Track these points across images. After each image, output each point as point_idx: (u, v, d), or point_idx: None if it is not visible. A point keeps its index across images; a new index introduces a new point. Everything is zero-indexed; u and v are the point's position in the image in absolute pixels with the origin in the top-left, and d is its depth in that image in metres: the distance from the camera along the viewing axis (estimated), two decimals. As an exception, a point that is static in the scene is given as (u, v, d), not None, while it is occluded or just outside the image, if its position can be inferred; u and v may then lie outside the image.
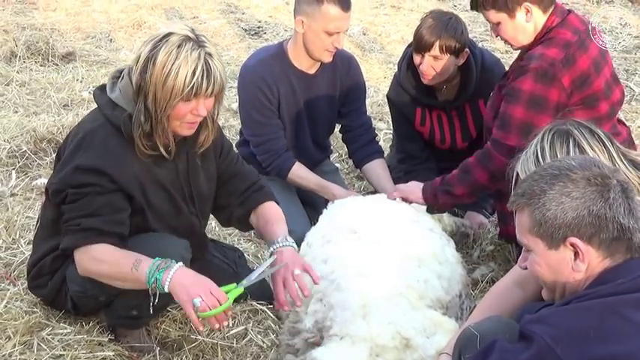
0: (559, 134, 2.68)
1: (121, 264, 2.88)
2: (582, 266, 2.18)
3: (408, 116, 4.45)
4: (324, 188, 4.18)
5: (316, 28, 4.01)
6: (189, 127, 2.99)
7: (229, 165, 3.31)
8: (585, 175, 2.18)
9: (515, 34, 3.59)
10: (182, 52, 2.85)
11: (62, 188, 2.95)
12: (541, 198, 2.20)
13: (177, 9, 8.27)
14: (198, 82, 2.86)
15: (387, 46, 7.51)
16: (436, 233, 3.59)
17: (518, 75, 3.53)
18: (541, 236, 2.21)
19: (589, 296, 2.11)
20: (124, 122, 2.94)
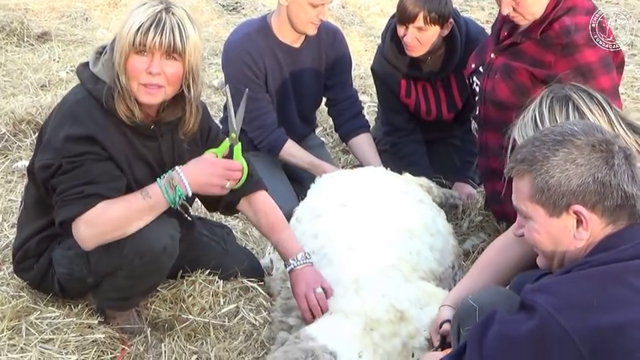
0: (558, 99, 2.63)
1: (132, 203, 2.86)
2: (585, 234, 2.14)
3: (393, 88, 4.40)
4: (316, 167, 4.13)
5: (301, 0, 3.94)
6: (145, 91, 2.86)
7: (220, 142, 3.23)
8: (589, 141, 2.13)
9: (537, 6, 3.45)
10: (147, 8, 2.81)
11: (52, 162, 2.85)
12: (544, 164, 2.14)
13: (152, -15, 8.12)
14: (144, 29, 2.77)
15: (367, 19, 7.44)
16: (426, 204, 3.56)
17: (570, 53, 3.40)
18: (542, 204, 2.16)
19: (591, 263, 2.07)
20: (105, 94, 2.87)
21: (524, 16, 3.48)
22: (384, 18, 7.52)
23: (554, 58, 3.43)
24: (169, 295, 3.36)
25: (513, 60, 3.54)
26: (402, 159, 4.39)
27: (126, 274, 2.94)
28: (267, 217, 3.29)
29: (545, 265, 2.31)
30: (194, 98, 2.96)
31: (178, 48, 2.81)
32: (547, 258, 2.27)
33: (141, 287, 3.09)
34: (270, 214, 3.30)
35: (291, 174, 4.38)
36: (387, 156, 4.43)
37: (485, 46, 3.81)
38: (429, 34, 4.10)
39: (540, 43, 3.47)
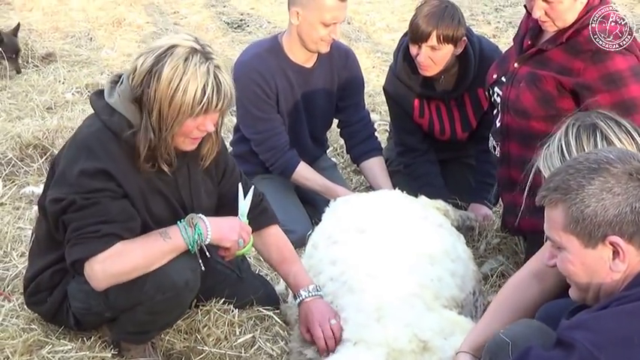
0: (585, 127, 2.56)
1: (150, 244, 2.80)
2: (622, 266, 2.07)
3: (406, 108, 4.33)
4: (330, 190, 4.06)
5: (312, 19, 3.88)
6: (192, 142, 2.87)
7: (233, 186, 3.17)
8: (626, 169, 2.06)
9: (569, 14, 3.36)
10: (190, 66, 2.71)
11: (65, 197, 2.77)
12: (579, 193, 2.08)
13: (156, 4, 8.10)
14: (209, 99, 2.73)
15: (373, 35, 7.40)
16: (446, 229, 3.49)
17: (596, 62, 3.32)
18: (577, 234, 2.09)
19: (629, 298, 2.00)
20: (122, 129, 2.80)
21: (555, 22, 3.38)
22: (390, 33, 7.51)
23: (583, 65, 3.34)
24: (184, 326, 3.27)
25: (539, 68, 3.45)
26: (416, 180, 4.32)
27: (146, 310, 2.86)
28: (279, 249, 3.25)
29: (579, 297, 2.24)
30: (219, 129, 2.96)
31: (232, 104, 2.85)
32: (581, 290, 2.20)
33: (161, 322, 3.02)
34: (281, 247, 3.26)
35: (303, 196, 4.31)
36: (401, 177, 4.37)
37: (508, 56, 3.72)
38: (443, 53, 4.04)
39: (568, 49, 3.38)
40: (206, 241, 2.88)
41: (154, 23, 7.55)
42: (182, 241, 2.85)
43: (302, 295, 3.10)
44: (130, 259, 2.78)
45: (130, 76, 2.80)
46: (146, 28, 7.39)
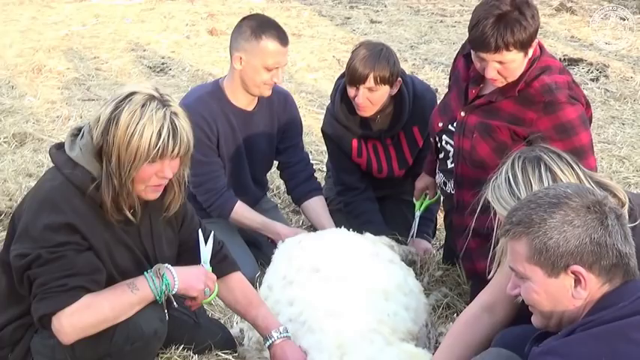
0: (530, 160, 2.72)
1: (118, 296, 2.82)
2: (583, 293, 2.22)
3: (345, 148, 4.45)
4: (269, 227, 4.13)
5: (255, 64, 3.97)
6: (154, 190, 2.90)
7: (192, 233, 3.22)
8: (584, 203, 2.22)
9: (519, 71, 3.52)
10: (147, 112, 2.77)
11: (30, 252, 2.77)
12: (542, 226, 2.21)
13: (75, 50, 8.05)
14: (165, 143, 2.77)
15: (295, 75, 7.53)
16: (396, 264, 3.61)
17: (554, 110, 3.48)
18: (541, 264, 2.23)
19: (594, 322, 2.15)
20: (85, 183, 2.82)
21: (507, 79, 3.54)
22: (311, 73, 7.67)
23: (536, 115, 3.51)
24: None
25: (490, 118, 3.60)
26: (356, 218, 4.43)
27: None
28: (245, 294, 3.30)
29: (541, 324, 2.37)
30: (183, 180, 2.99)
31: (190, 150, 2.87)
32: (544, 317, 2.34)
33: (128, 373, 3.02)
34: (246, 291, 3.31)
35: (246, 238, 4.36)
36: (341, 215, 4.47)
37: (450, 104, 3.85)
38: (380, 94, 4.18)
39: (520, 101, 3.54)
40: (173, 291, 2.92)
41: (75, 69, 7.50)
42: (150, 292, 2.88)
43: (273, 336, 3.14)
44: (98, 312, 2.79)
45: (92, 126, 2.84)
46: (67, 75, 7.34)
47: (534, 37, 3.47)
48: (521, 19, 3.39)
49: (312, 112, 6.54)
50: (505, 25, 3.38)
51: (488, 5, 3.45)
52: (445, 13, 9.90)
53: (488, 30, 3.39)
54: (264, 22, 4.08)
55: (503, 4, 3.41)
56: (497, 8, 3.40)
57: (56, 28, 8.82)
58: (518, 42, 3.40)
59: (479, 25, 3.42)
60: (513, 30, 3.38)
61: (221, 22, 9.13)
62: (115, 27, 8.87)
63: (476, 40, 3.46)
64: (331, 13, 9.79)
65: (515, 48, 3.41)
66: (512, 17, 3.39)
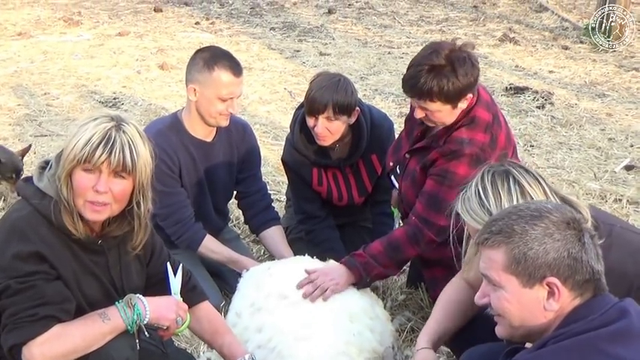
0: (499, 173, 2.82)
1: (89, 325, 2.81)
2: (555, 305, 2.28)
3: (305, 178, 4.50)
4: (236, 262, 4.16)
5: (209, 95, 4.01)
6: (92, 208, 2.82)
7: (162, 265, 3.21)
8: (564, 218, 2.30)
9: (448, 119, 3.63)
10: (94, 123, 2.80)
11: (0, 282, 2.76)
12: (522, 237, 2.27)
13: (25, 86, 7.99)
14: (92, 147, 2.75)
15: (248, 107, 7.58)
16: (364, 291, 3.66)
17: (452, 158, 3.61)
18: (517, 274, 2.28)
19: (565, 335, 2.21)
20: (53, 211, 2.82)
21: (436, 124, 3.67)
22: (264, 105, 7.73)
23: (437, 155, 3.66)
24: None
25: (420, 165, 3.74)
26: (318, 245, 4.46)
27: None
28: (210, 322, 3.29)
29: (507, 334, 2.41)
30: (143, 214, 2.95)
31: (128, 167, 2.80)
32: (512, 327, 2.37)
33: (98, 402, 3.00)
34: (212, 319, 3.31)
35: (210, 268, 4.37)
36: (302, 244, 4.51)
37: (401, 143, 3.99)
38: (338, 123, 4.25)
39: (441, 150, 3.68)
40: (145, 320, 2.93)
41: (26, 105, 7.44)
42: (121, 322, 2.88)
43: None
44: (69, 342, 2.78)
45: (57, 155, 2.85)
46: (18, 111, 7.28)
47: (465, 92, 3.57)
48: (450, 74, 3.51)
49: (267, 143, 6.59)
50: (433, 77, 3.50)
51: (427, 52, 3.58)
52: (392, 45, 10.07)
53: (417, 77, 3.52)
54: (217, 53, 4.13)
55: (440, 56, 3.52)
56: (431, 59, 3.52)
57: (4, 65, 8.74)
58: (443, 95, 3.52)
59: (411, 69, 3.57)
60: (440, 83, 3.49)
61: (171, 56, 9.15)
62: (64, 63, 8.82)
63: (405, 83, 3.60)
64: (280, 46, 9.89)
65: (439, 100, 3.53)
66: (442, 71, 3.51)
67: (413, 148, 3.84)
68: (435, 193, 3.65)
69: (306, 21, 11.15)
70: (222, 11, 11.61)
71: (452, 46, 3.58)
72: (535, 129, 7.08)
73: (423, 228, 3.68)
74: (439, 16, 11.56)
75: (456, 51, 3.55)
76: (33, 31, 10.12)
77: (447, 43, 3.66)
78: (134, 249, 3.02)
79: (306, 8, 11.91)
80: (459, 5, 12.19)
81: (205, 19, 11.12)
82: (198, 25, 10.80)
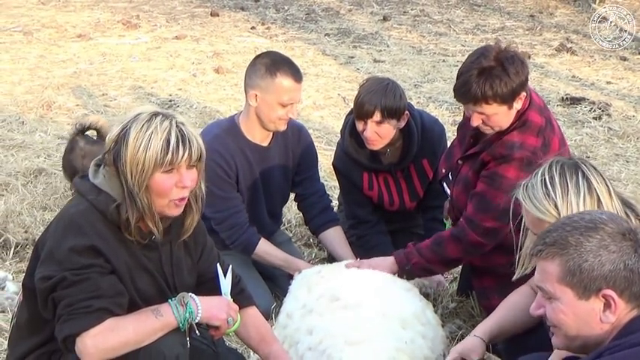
0: (568, 166, 2.80)
1: (142, 321, 2.85)
2: (612, 318, 2.25)
3: (356, 182, 4.52)
4: (290, 264, 4.18)
5: (270, 100, 4.05)
6: (176, 204, 2.92)
7: (211, 265, 3.25)
8: (620, 229, 2.27)
9: (505, 122, 3.62)
10: (152, 125, 2.84)
11: (54, 274, 2.80)
12: (577, 249, 2.25)
13: (83, 87, 8.13)
14: (174, 149, 2.82)
15: (302, 112, 7.60)
16: (414, 294, 3.65)
17: (502, 162, 3.60)
18: (572, 286, 2.26)
19: (621, 346, 2.18)
20: (110, 211, 2.87)
21: (493, 128, 3.64)
22: (317, 111, 7.77)
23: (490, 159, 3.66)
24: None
25: (473, 169, 3.73)
26: (369, 251, 4.43)
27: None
28: (258, 330, 3.31)
29: (563, 344, 2.39)
30: (199, 195, 3.03)
31: (203, 155, 2.91)
32: (568, 339, 2.35)
33: (149, 399, 3.04)
34: (259, 327, 3.33)
35: (261, 271, 4.40)
36: (354, 249, 4.50)
37: (453, 149, 3.98)
38: (387, 128, 4.25)
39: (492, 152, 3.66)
40: (196, 319, 2.96)
41: (84, 106, 7.58)
42: (173, 319, 2.92)
43: None
44: (122, 335, 2.82)
45: (106, 151, 2.91)
46: (76, 111, 7.41)
47: (518, 91, 3.55)
48: (502, 74, 3.49)
49: (320, 148, 6.58)
50: (485, 80, 3.49)
51: (474, 57, 3.57)
52: (447, 53, 10.03)
53: (469, 82, 3.51)
54: (277, 59, 4.17)
55: (488, 59, 3.52)
56: (480, 62, 3.51)
57: (64, 66, 8.92)
58: (498, 96, 3.50)
59: (462, 77, 3.55)
60: (492, 85, 3.48)
61: (226, 60, 9.24)
62: (122, 65, 8.97)
63: (458, 91, 3.59)
64: (335, 52, 9.91)
65: (494, 102, 3.51)
66: (493, 72, 3.50)
67: (466, 155, 3.82)
68: (483, 195, 3.64)
69: (361, 27, 11.16)
70: (277, 16, 11.68)
71: (497, 47, 3.58)
72: (591, 140, 6.99)
73: (467, 228, 3.68)
74: (495, 25, 11.49)
75: (503, 51, 3.55)
76: (92, 34, 10.30)
77: (491, 45, 3.65)
78: (186, 233, 3.06)
79: (361, 15, 11.91)
80: (516, 14, 12.10)
81: (261, 24, 11.20)
82: (253, 29, 10.88)
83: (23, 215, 4.95)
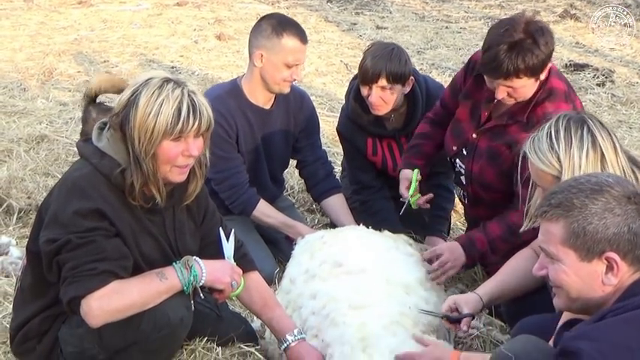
0: (575, 120, 2.79)
1: (147, 283, 2.87)
2: (614, 280, 2.26)
3: (360, 148, 4.51)
4: (290, 227, 4.18)
5: (276, 60, 4.03)
6: (180, 171, 2.94)
7: (214, 227, 3.26)
8: (625, 192, 2.27)
9: (530, 92, 3.56)
10: (164, 91, 2.84)
11: (59, 237, 2.81)
12: (582, 211, 2.26)
13: (85, 54, 8.10)
14: (185, 118, 2.82)
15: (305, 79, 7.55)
16: (417, 261, 3.65)
17: None
18: (576, 248, 2.27)
19: (625, 308, 2.19)
20: (114, 175, 2.87)
21: (517, 100, 3.57)
22: (318, 77, 7.73)
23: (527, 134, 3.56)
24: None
25: (498, 142, 3.65)
26: (372, 216, 4.46)
27: (141, 349, 2.92)
28: (261, 295, 3.33)
29: (565, 305, 2.40)
30: (203, 162, 3.04)
31: (211, 125, 2.91)
32: (569, 300, 2.35)
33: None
34: (262, 292, 3.34)
35: (265, 236, 4.40)
36: (357, 214, 4.49)
37: (462, 125, 3.90)
38: (392, 93, 4.23)
39: (525, 127, 3.57)
40: (201, 282, 2.97)
41: (86, 72, 7.55)
42: (178, 282, 2.93)
43: (288, 339, 3.19)
44: (126, 297, 2.84)
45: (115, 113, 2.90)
46: (78, 78, 7.39)
47: (547, 63, 3.49)
48: (533, 47, 3.41)
49: (323, 115, 6.57)
50: (517, 54, 3.40)
51: (502, 30, 3.46)
52: (450, 20, 9.97)
53: (499, 57, 3.41)
54: (284, 20, 4.16)
55: (517, 31, 3.42)
56: (510, 35, 3.41)
57: (65, 32, 8.88)
58: (530, 69, 3.43)
59: (491, 51, 3.44)
60: (525, 58, 3.40)
61: (228, 27, 9.19)
62: (123, 32, 8.93)
63: (487, 66, 3.49)
64: (337, 19, 9.86)
65: (525, 75, 3.45)
66: (524, 45, 3.41)
67: (483, 128, 3.76)
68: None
69: (364, -6, 11.09)
70: (279, -17, 11.60)
71: (524, 18, 3.48)
72: (595, 107, 6.96)
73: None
74: (499, -9, 11.39)
75: (532, 22, 3.46)
76: (93, 0, 10.23)
77: (516, 17, 3.55)
78: (188, 198, 3.06)
79: (364, -19, 11.83)
80: (519, -20, 12.00)
81: (263, -10, 11.14)
82: (255, -4, 10.83)
83: (26, 181, 4.95)
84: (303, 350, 3.17)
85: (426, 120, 4.21)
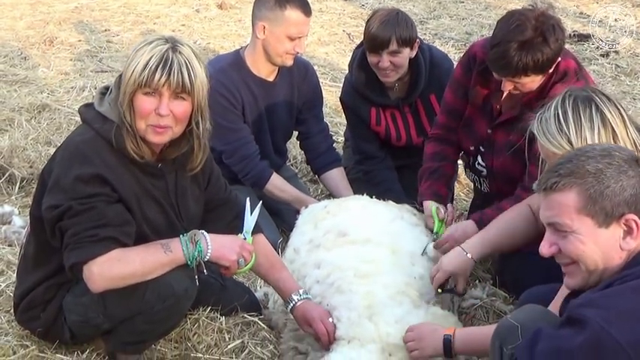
0: (582, 99, 2.74)
1: (150, 254, 2.85)
2: (633, 243, 2.23)
3: (363, 118, 4.48)
4: (302, 202, 4.15)
5: (279, 33, 3.99)
6: (154, 130, 2.86)
7: (218, 192, 3.25)
8: (631, 155, 2.27)
9: (536, 84, 3.49)
10: (149, 46, 2.83)
11: (61, 203, 2.80)
12: (597, 176, 2.23)
13: (85, 22, 8.03)
14: (151, 70, 2.78)
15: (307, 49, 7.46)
16: (422, 231, 3.64)
17: None
18: (593, 214, 2.23)
19: (632, 276, 2.17)
20: (114, 133, 2.85)
21: (523, 92, 3.51)
22: (320, 46, 7.67)
23: None
24: (174, 335, 3.32)
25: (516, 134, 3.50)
26: (376, 186, 4.44)
27: (145, 319, 2.92)
28: (267, 257, 3.32)
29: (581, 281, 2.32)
30: (202, 134, 2.97)
31: (187, 87, 2.82)
32: (588, 273, 2.29)
33: (159, 330, 3.08)
34: (268, 254, 3.34)
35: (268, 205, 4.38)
36: (360, 184, 4.48)
37: (472, 122, 3.82)
38: (402, 57, 4.20)
39: None
40: (205, 258, 2.95)
41: (87, 41, 7.49)
42: (182, 256, 2.91)
43: (294, 299, 3.19)
44: (128, 265, 2.83)
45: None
46: (79, 47, 7.33)
47: (556, 59, 3.43)
48: (543, 46, 3.34)
49: (325, 85, 6.54)
50: (527, 53, 3.32)
51: (512, 26, 3.36)
52: (453, -11, 9.87)
53: (509, 55, 3.33)
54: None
55: (528, 29, 3.32)
56: (520, 33, 3.32)
57: (65, 1, 8.76)
58: (538, 68, 3.38)
59: (500, 47, 3.36)
60: (534, 57, 3.33)
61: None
62: (124, 0, 8.84)
63: (495, 62, 3.42)
64: (339, -12, 9.76)
65: (534, 73, 3.40)
66: (534, 44, 3.33)
67: (497, 122, 3.70)
68: None
69: (366, -37, 10.97)
70: (281, -48, 11.47)
71: (534, 13, 3.38)
72: (599, 77, 6.91)
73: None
74: (502, -39, 11.28)
75: (543, 17, 3.37)
76: (93, -32, 10.13)
77: (527, 11, 3.44)
78: (192, 170, 3.04)
79: (366, -50, 11.71)
80: (523, -50, 11.88)
81: (264, -41, 11.01)
82: (257, -35, 10.70)
83: (28, 150, 4.93)
84: (309, 306, 3.16)
85: (431, 140, 4.07)
